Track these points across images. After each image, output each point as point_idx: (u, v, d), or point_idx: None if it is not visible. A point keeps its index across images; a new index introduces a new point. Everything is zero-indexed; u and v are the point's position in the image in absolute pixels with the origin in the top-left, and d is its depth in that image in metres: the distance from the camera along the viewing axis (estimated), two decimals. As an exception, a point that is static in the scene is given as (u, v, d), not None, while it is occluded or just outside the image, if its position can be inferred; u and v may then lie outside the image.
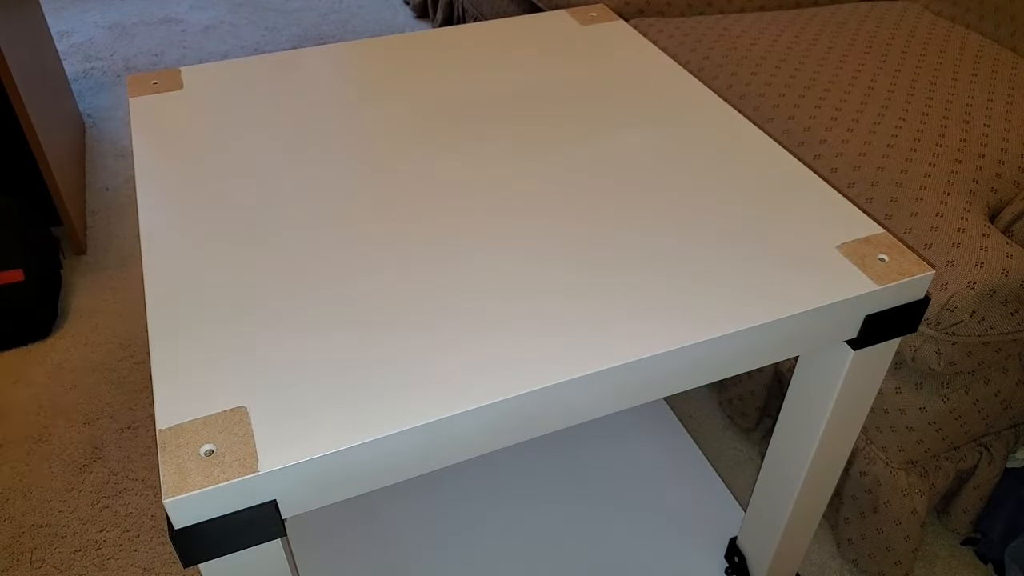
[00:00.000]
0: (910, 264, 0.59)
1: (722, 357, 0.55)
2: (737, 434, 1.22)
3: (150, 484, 1.16)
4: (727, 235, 0.62)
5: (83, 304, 1.46)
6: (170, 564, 1.06)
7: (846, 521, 1.02)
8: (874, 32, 1.20)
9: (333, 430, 0.47)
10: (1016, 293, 0.80)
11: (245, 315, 0.55)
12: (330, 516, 0.94)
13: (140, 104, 0.79)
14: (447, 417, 0.48)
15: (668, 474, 0.98)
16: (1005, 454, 1.02)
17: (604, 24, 0.94)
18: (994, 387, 0.92)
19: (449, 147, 0.72)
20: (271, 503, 0.46)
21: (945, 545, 1.08)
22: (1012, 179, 0.92)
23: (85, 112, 2.01)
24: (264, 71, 0.85)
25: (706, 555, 0.90)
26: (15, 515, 1.12)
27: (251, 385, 0.50)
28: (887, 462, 0.95)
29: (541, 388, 0.50)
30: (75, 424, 1.24)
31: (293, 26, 2.43)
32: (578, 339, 0.53)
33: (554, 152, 0.71)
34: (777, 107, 1.04)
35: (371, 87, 0.81)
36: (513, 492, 0.96)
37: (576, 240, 0.61)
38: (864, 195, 0.90)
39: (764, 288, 0.57)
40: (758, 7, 1.43)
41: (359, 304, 0.56)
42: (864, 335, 0.60)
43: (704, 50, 1.18)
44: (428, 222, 0.63)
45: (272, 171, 0.69)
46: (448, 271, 0.58)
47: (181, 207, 0.65)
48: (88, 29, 2.41)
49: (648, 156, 0.71)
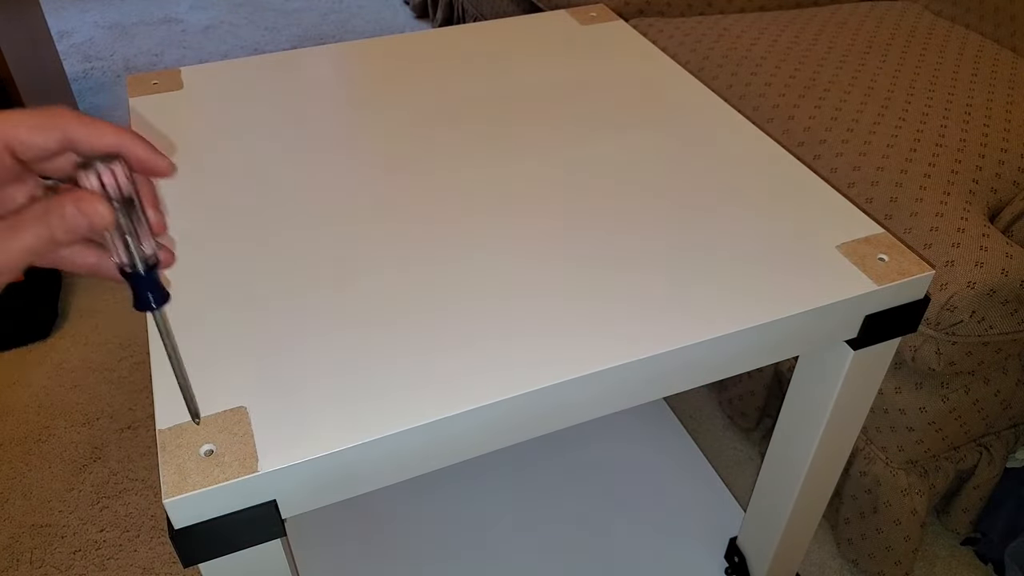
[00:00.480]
0: (910, 264, 0.59)
1: (722, 357, 0.55)
2: (737, 434, 1.22)
3: (150, 484, 1.16)
4: (727, 235, 0.62)
5: (83, 304, 1.46)
6: (170, 564, 1.06)
7: (846, 521, 1.02)
8: (874, 32, 1.20)
9: (333, 430, 0.47)
10: (1016, 293, 0.80)
11: (245, 315, 0.55)
12: (330, 516, 0.94)
13: (140, 104, 0.79)
14: (447, 417, 0.48)
15: (668, 474, 0.98)
16: (1005, 454, 1.02)
17: (604, 24, 0.94)
18: (994, 387, 0.92)
19: (449, 147, 0.72)
20: (271, 503, 0.46)
21: (945, 545, 1.08)
22: (1012, 179, 0.92)
23: (85, 112, 2.01)
24: (264, 71, 0.85)
25: (706, 555, 0.90)
26: (15, 515, 1.12)
27: (251, 385, 0.50)
28: (887, 462, 0.95)
29: (541, 388, 0.50)
30: (75, 424, 1.24)
31: (293, 26, 2.43)
32: (578, 339, 0.53)
33: (554, 152, 0.71)
34: (777, 107, 1.04)
35: (371, 87, 0.81)
36: (513, 492, 0.96)
37: (576, 240, 0.61)
38: (864, 195, 0.90)
39: (764, 288, 0.57)
40: (758, 7, 1.43)
41: (359, 304, 0.56)
42: (864, 335, 0.60)
43: (704, 50, 1.18)
44: (428, 222, 0.63)
45: (272, 171, 0.69)
46: (448, 271, 0.58)
47: (181, 207, 0.65)
48: (88, 29, 2.41)
49: (648, 156, 0.71)
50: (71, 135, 0.35)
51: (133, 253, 0.38)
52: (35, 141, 0.34)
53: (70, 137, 0.35)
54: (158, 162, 0.37)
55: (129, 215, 0.36)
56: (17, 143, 0.34)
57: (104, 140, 0.35)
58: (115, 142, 0.36)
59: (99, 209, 0.34)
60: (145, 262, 0.38)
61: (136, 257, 0.38)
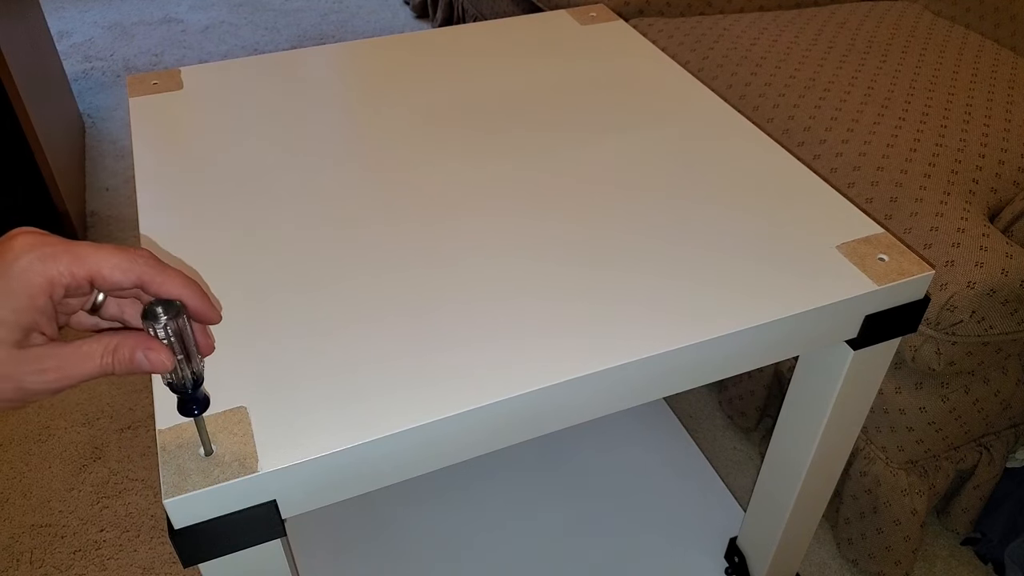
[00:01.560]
0: (910, 264, 0.59)
1: (722, 357, 0.55)
2: (737, 434, 1.22)
3: (150, 484, 1.16)
4: (726, 235, 0.62)
5: (83, 304, 1.46)
6: (170, 564, 1.06)
7: (846, 521, 1.02)
8: (874, 32, 1.20)
9: (333, 430, 0.47)
10: (1016, 293, 0.80)
11: (245, 315, 0.55)
12: (330, 516, 0.94)
13: (140, 104, 0.79)
14: (447, 417, 0.48)
15: (668, 474, 0.98)
16: (1005, 454, 1.02)
17: (604, 24, 0.94)
18: (994, 387, 0.92)
19: (449, 147, 0.72)
20: (271, 503, 0.46)
21: (945, 545, 1.08)
22: (1012, 179, 0.92)
23: (85, 112, 2.01)
24: (264, 71, 0.85)
25: (706, 555, 0.90)
26: (15, 515, 1.12)
27: (251, 385, 0.50)
28: (887, 462, 0.95)
29: (541, 388, 0.50)
30: (75, 424, 1.24)
31: (293, 26, 2.43)
32: (578, 339, 0.53)
33: (554, 152, 0.71)
34: (777, 107, 1.04)
35: (371, 87, 0.81)
36: (513, 492, 0.96)
37: (576, 240, 0.61)
38: (864, 195, 0.90)
39: (764, 288, 0.57)
40: (758, 7, 1.43)
41: (359, 304, 0.56)
42: (864, 335, 0.60)
43: (704, 50, 1.18)
44: (427, 221, 0.63)
45: (272, 171, 0.69)
46: (447, 271, 0.58)
47: (181, 207, 0.65)
48: (88, 29, 2.41)
49: (648, 156, 0.71)
50: (145, 280, 0.39)
51: (184, 376, 0.41)
52: (115, 279, 0.38)
53: (144, 282, 0.39)
54: (212, 315, 0.41)
55: (183, 345, 0.40)
56: (100, 278, 0.38)
57: (172, 292, 0.39)
58: (180, 294, 0.40)
59: (163, 359, 0.39)
60: (194, 381, 0.41)
61: (186, 379, 0.41)
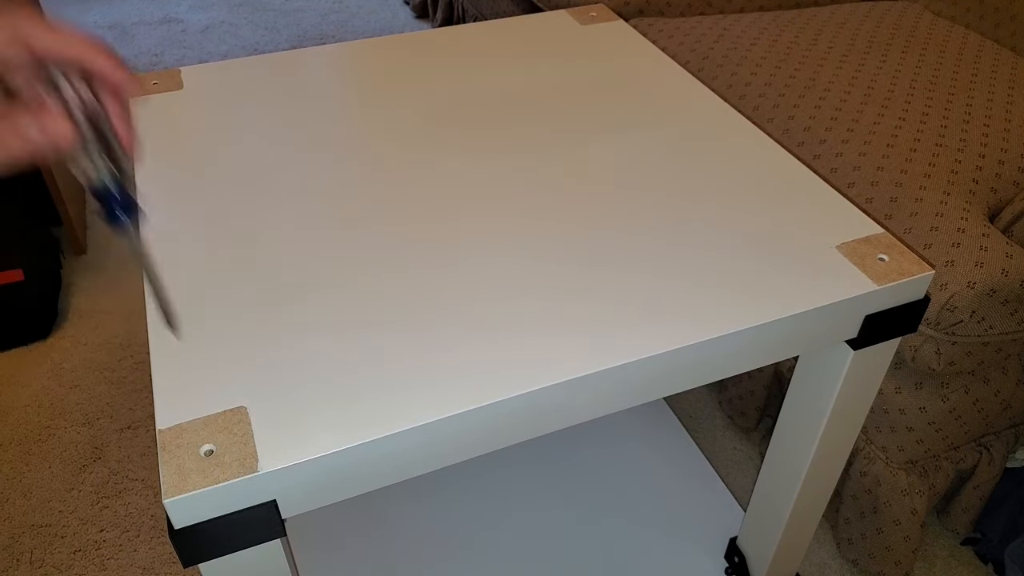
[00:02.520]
0: (910, 264, 0.59)
1: (722, 357, 0.55)
2: (737, 434, 1.22)
3: (150, 484, 1.16)
4: (726, 235, 0.62)
5: (83, 304, 1.46)
6: (170, 564, 1.06)
7: (846, 521, 1.02)
8: (874, 32, 1.20)
9: (333, 430, 0.47)
10: (1016, 293, 0.80)
11: (245, 315, 0.55)
12: (330, 516, 0.94)
13: (140, 104, 0.79)
14: (446, 417, 0.48)
15: (668, 474, 0.98)
16: (1005, 454, 1.02)
17: (604, 24, 0.94)
18: (994, 387, 0.92)
19: (449, 147, 0.72)
20: (271, 503, 0.46)
21: (945, 545, 1.08)
22: (1012, 179, 0.92)
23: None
24: (264, 71, 0.85)
25: (706, 555, 0.90)
26: (15, 515, 1.12)
27: (251, 385, 0.50)
28: (887, 462, 0.95)
29: (541, 388, 0.50)
30: (75, 424, 1.24)
31: (293, 26, 2.43)
32: (578, 339, 0.53)
33: (554, 152, 0.71)
34: (777, 107, 1.04)
35: (371, 87, 0.81)
36: (513, 492, 0.96)
37: (576, 240, 0.61)
38: (864, 195, 0.90)
39: (764, 288, 0.57)
40: (758, 7, 1.43)
41: (359, 304, 0.56)
42: (864, 335, 0.60)
43: (704, 50, 1.18)
44: (428, 222, 0.63)
45: (272, 171, 0.69)
46: (448, 271, 0.58)
47: (181, 207, 0.65)
48: (88, 29, 2.41)
49: (648, 156, 0.71)
50: (35, 46, 0.33)
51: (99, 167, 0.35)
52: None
53: (34, 48, 0.33)
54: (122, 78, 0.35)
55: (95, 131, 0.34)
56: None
57: (68, 52, 0.33)
58: (78, 55, 0.34)
59: (61, 128, 0.33)
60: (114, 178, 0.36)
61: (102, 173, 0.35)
